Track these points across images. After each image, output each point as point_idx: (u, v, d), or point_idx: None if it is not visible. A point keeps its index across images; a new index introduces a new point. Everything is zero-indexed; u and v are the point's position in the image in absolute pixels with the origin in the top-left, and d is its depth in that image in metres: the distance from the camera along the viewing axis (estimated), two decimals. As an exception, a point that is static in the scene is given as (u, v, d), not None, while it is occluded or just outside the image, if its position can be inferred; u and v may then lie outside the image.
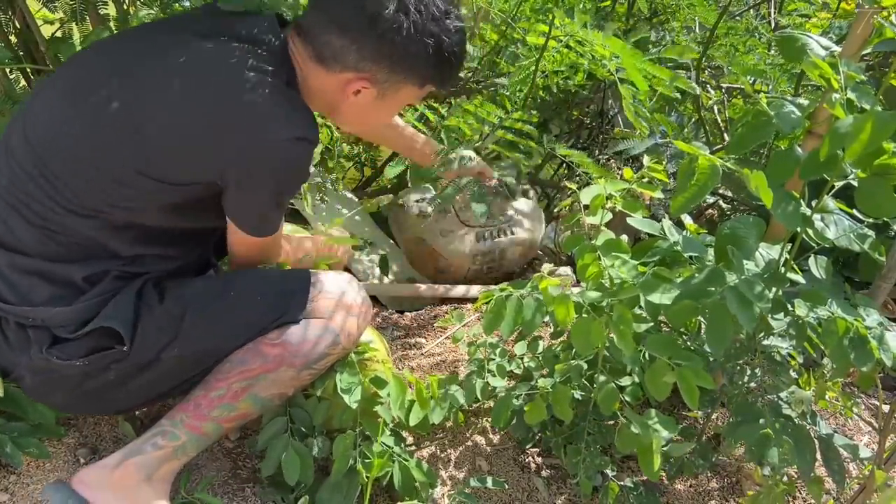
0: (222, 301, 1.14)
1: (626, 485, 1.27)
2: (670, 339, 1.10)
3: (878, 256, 1.06)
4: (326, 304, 1.17)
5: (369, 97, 1.12)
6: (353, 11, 1.03)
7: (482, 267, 1.95)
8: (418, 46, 1.05)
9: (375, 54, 1.06)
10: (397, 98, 1.15)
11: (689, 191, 0.91)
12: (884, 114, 0.84)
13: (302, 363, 1.15)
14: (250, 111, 1.02)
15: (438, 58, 1.08)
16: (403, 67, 1.08)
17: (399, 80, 1.11)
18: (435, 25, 1.05)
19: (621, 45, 1.35)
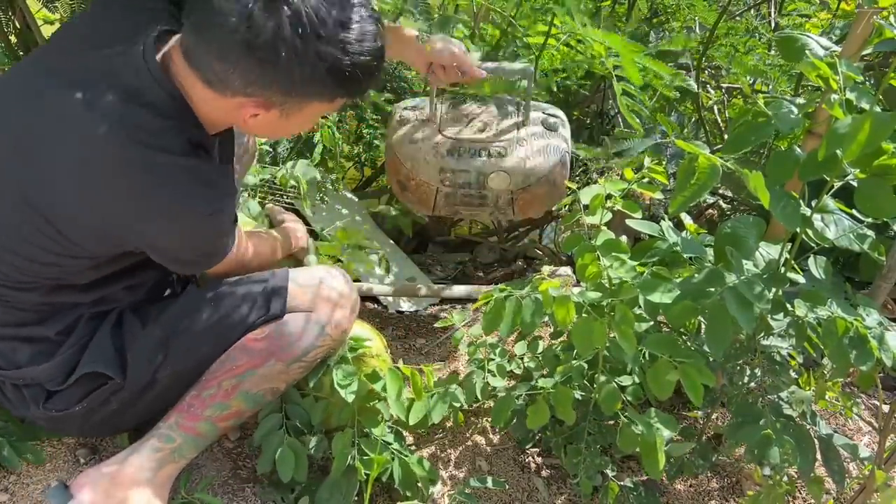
0: (205, 312, 1.14)
1: (626, 485, 1.27)
2: (671, 339, 1.10)
3: (877, 256, 1.06)
4: (310, 297, 1.17)
5: (272, 118, 1.01)
6: (227, 36, 0.90)
7: (455, 193, 1.54)
8: (306, 70, 0.92)
9: (261, 80, 0.94)
10: (305, 114, 1.03)
11: (689, 190, 0.91)
12: (882, 114, 0.84)
13: (289, 356, 1.15)
14: (158, 204, 0.98)
15: (337, 76, 0.94)
16: (297, 90, 0.96)
17: (298, 101, 0.99)
18: (325, 44, 0.91)
19: (619, 39, 1.34)
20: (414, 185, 1.55)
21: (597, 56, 1.48)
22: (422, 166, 1.51)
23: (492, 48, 2.01)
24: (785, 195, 0.98)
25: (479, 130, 1.53)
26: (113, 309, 1.13)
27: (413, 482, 1.21)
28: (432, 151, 1.51)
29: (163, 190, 0.97)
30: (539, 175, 1.50)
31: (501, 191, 1.51)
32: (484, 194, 1.53)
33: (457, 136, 1.52)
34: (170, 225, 1.01)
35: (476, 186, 1.52)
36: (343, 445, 1.18)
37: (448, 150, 1.50)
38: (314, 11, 0.89)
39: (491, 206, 1.55)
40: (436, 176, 1.51)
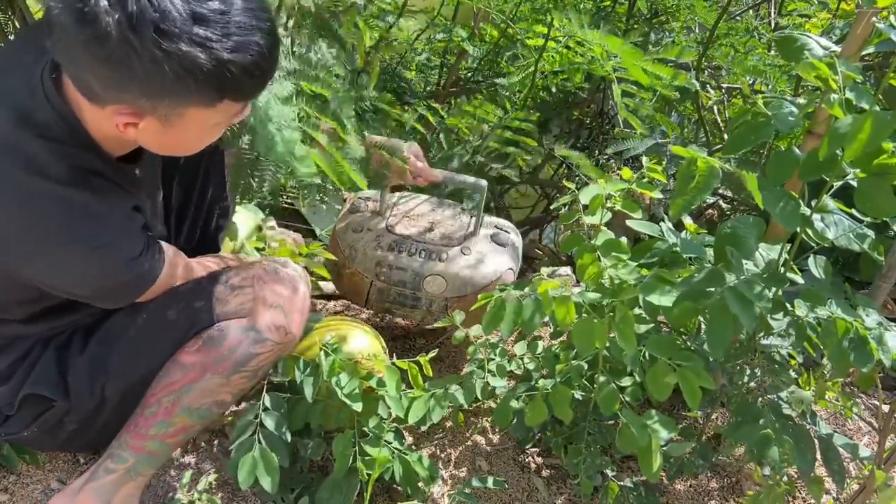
0: (137, 326, 1.10)
1: (626, 485, 1.27)
2: (670, 340, 1.10)
3: (877, 256, 1.06)
4: (246, 300, 1.10)
5: (152, 127, 0.92)
6: (67, 38, 0.82)
7: (388, 290, 1.48)
8: (153, 69, 0.82)
9: (114, 83, 0.85)
10: (190, 122, 0.92)
11: (688, 193, 0.91)
12: (883, 113, 0.84)
13: (227, 368, 1.09)
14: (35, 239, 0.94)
15: (201, 76, 0.84)
16: (159, 93, 0.86)
17: (170, 106, 0.88)
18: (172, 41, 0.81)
19: (620, 43, 1.35)
20: (349, 273, 1.49)
21: (597, 58, 1.48)
22: (359, 256, 1.47)
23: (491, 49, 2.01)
24: (784, 195, 0.98)
25: (425, 230, 1.50)
26: (61, 332, 1.12)
27: (414, 480, 1.21)
28: (373, 243, 1.47)
29: (37, 224, 0.93)
30: (476, 287, 1.45)
31: (436, 296, 1.46)
32: (417, 296, 1.48)
33: (401, 232, 1.48)
34: (48, 260, 0.95)
35: (411, 286, 1.46)
36: (344, 446, 1.18)
37: (389, 245, 1.47)
38: (157, 5, 0.80)
39: (423, 310, 1.50)
40: (371, 269, 1.47)
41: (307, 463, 1.26)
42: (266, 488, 1.11)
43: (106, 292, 1.04)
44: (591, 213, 1.12)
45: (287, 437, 1.17)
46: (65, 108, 0.93)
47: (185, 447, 1.32)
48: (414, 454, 1.23)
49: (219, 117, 0.94)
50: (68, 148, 0.93)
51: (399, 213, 1.53)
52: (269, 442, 1.15)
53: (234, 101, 0.91)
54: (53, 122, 0.93)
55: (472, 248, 1.48)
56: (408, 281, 1.45)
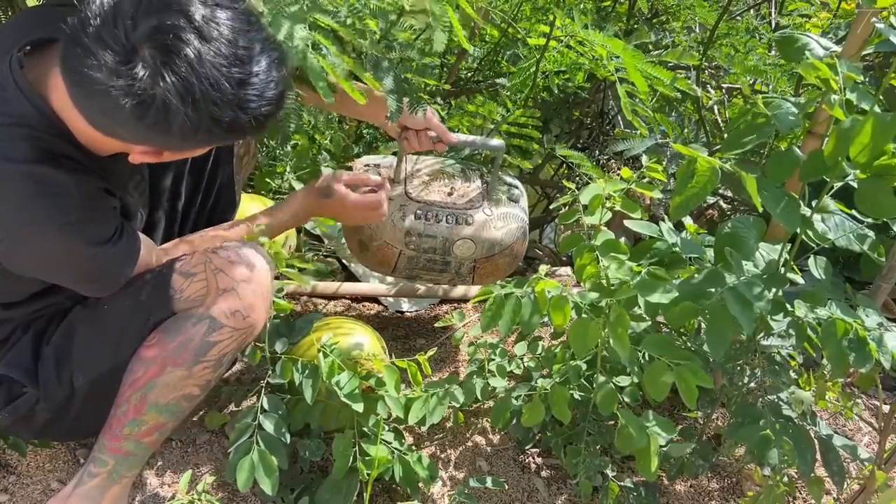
0: (95, 320, 1.08)
1: (626, 485, 1.27)
2: (669, 340, 1.10)
3: (876, 257, 1.06)
4: (197, 289, 1.06)
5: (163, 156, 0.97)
6: (111, 102, 0.83)
7: (418, 258, 1.49)
8: (201, 131, 0.87)
9: (152, 139, 0.90)
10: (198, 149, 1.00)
11: (688, 193, 0.91)
12: (885, 115, 0.84)
13: (186, 359, 1.06)
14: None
15: (235, 129, 0.89)
16: (191, 144, 0.92)
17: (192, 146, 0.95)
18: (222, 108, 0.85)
19: (622, 45, 1.35)
20: (376, 246, 1.47)
21: (599, 58, 1.48)
22: (387, 228, 1.45)
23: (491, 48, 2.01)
24: (785, 195, 0.98)
25: (446, 194, 1.50)
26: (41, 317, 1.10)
27: (414, 480, 1.21)
28: (399, 213, 1.45)
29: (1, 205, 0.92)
30: (504, 246, 1.49)
31: (465, 258, 1.49)
32: (447, 261, 1.49)
33: (425, 198, 1.48)
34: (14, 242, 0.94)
35: (441, 252, 1.48)
36: (344, 447, 1.18)
37: (416, 214, 1.46)
38: (209, 76, 0.83)
39: (452, 273, 1.52)
40: (401, 238, 1.46)
41: (307, 463, 1.26)
42: (266, 491, 1.11)
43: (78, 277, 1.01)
44: (590, 213, 1.12)
45: (286, 438, 1.17)
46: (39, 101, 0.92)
47: (185, 447, 1.32)
48: (414, 454, 1.23)
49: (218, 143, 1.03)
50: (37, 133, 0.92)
51: (413, 178, 1.52)
52: (268, 444, 1.14)
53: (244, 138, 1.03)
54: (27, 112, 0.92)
55: (493, 209, 1.50)
56: (438, 247, 1.47)
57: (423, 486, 1.24)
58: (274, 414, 1.18)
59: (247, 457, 1.12)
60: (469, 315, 1.78)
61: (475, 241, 1.47)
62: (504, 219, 1.49)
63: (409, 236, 1.45)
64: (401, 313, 1.87)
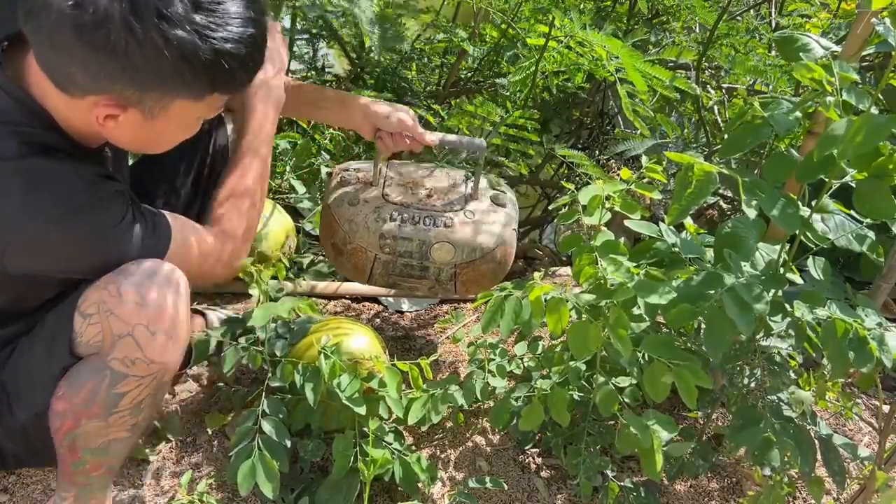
0: (29, 353, 1.01)
1: (626, 485, 1.27)
2: (668, 340, 1.10)
3: (876, 258, 1.06)
4: (94, 334, 0.95)
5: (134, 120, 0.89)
6: (55, 21, 0.78)
7: (394, 262, 1.40)
8: (151, 57, 0.80)
9: (104, 71, 0.82)
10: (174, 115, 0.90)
11: (685, 199, 0.91)
12: (879, 116, 0.84)
13: (99, 412, 0.96)
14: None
15: (196, 66, 0.83)
16: (150, 83, 0.84)
17: (157, 97, 0.86)
18: (172, 27, 0.79)
19: (620, 45, 1.35)
20: (350, 250, 1.40)
21: (599, 59, 1.48)
22: (360, 230, 1.38)
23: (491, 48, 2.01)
24: (782, 197, 0.98)
25: (425, 197, 1.43)
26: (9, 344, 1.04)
27: (414, 481, 1.21)
28: (373, 215, 1.38)
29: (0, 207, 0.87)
30: (485, 251, 1.39)
31: (444, 264, 1.39)
32: (425, 266, 1.40)
33: (401, 200, 1.40)
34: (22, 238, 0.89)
35: (418, 257, 1.39)
36: (344, 447, 1.18)
37: (391, 215, 1.38)
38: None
39: (431, 280, 1.42)
40: (375, 242, 1.38)
41: (308, 463, 1.26)
42: (266, 495, 1.11)
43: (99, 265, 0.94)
44: (589, 213, 1.12)
45: (287, 442, 1.17)
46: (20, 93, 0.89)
47: (185, 447, 1.32)
48: (413, 454, 1.23)
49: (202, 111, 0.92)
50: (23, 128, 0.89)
51: (392, 181, 1.45)
52: (269, 448, 1.14)
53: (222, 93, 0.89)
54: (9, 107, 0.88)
55: (475, 211, 1.42)
56: (414, 251, 1.38)
57: (422, 486, 1.24)
58: (274, 417, 1.18)
59: (248, 461, 1.12)
60: (469, 315, 1.78)
61: (454, 245, 1.39)
62: (487, 223, 1.42)
63: (383, 239, 1.38)
64: (401, 313, 1.87)
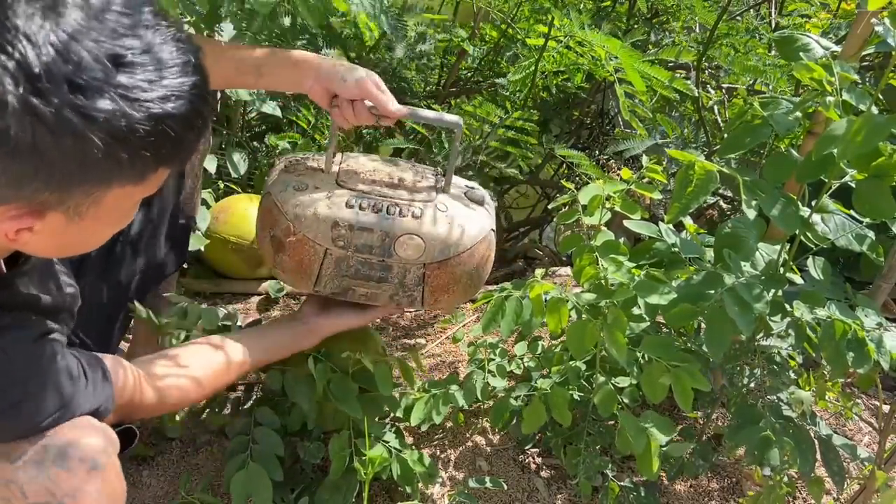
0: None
1: (626, 485, 1.27)
2: (667, 341, 1.10)
3: (875, 258, 1.06)
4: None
5: (56, 226, 0.67)
6: None
7: (349, 259, 1.11)
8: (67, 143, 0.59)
9: (11, 176, 0.60)
10: (110, 206, 0.68)
11: (685, 198, 0.91)
12: (878, 117, 0.84)
13: None
14: None
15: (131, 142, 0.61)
16: (71, 178, 0.62)
17: (86, 192, 0.64)
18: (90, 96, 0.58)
19: (619, 45, 1.35)
20: (294, 242, 1.11)
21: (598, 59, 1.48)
22: (308, 218, 1.10)
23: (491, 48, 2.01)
24: (782, 197, 0.98)
25: (387, 186, 1.17)
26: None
27: (413, 480, 1.21)
28: (325, 202, 1.11)
29: None
30: (460, 249, 1.13)
31: (411, 262, 1.12)
32: (387, 265, 1.12)
33: (361, 188, 1.15)
34: None
35: (379, 252, 1.11)
36: (340, 447, 1.18)
37: (347, 202, 1.12)
38: (61, 47, 0.56)
39: (394, 285, 1.14)
40: (326, 232, 1.10)
41: (308, 464, 1.26)
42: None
43: None
44: (589, 213, 1.12)
45: (280, 451, 1.17)
46: None
47: (185, 447, 1.32)
48: (413, 453, 1.23)
49: (144, 192, 0.70)
50: None
51: (349, 170, 1.19)
52: (261, 458, 1.15)
53: (168, 167, 0.68)
54: None
55: (447, 205, 1.16)
56: (375, 245, 1.11)
57: (422, 485, 1.24)
58: (267, 428, 1.18)
59: (241, 472, 1.12)
60: (469, 315, 1.78)
61: (424, 239, 1.12)
62: (463, 217, 1.16)
63: (336, 229, 1.10)
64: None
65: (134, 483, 1.23)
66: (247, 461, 1.13)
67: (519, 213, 2.65)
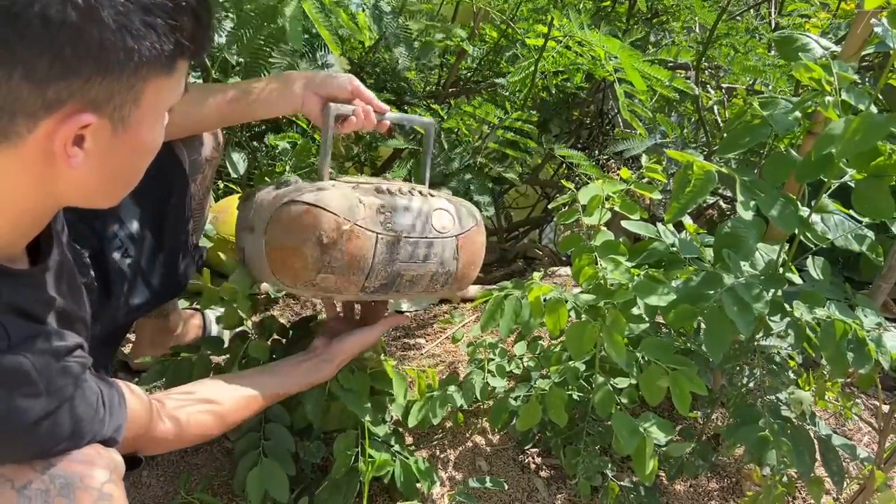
0: None
1: (626, 485, 1.27)
2: (667, 343, 1.10)
3: (875, 258, 1.06)
4: None
5: (104, 137, 0.69)
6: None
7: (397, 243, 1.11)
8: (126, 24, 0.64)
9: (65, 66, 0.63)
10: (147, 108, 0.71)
11: (684, 198, 0.91)
12: (877, 116, 0.84)
13: None
14: None
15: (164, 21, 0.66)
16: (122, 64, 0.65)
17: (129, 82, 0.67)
18: None
19: (619, 45, 1.35)
20: (347, 233, 1.06)
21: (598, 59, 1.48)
22: (355, 208, 1.07)
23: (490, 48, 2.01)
24: (781, 197, 0.98)
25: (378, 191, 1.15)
26: None
27: (413, 481, 1.22)
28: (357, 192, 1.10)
29: None
30: (476, 219, 1.19)
31: (447, 235, 1.14)
32: (430, 241, 1.13)
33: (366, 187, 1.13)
34: None
35: (420, 229, 1.12)
36: (346, 446, 1.18)
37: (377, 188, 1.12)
38: None
39: (436, 261, 1.14)
40: (374, 217, 1.08)
41: (308, 464, 1.26)
42: (277, 498, 1.12)
43: None
44: (589, 213, 1.12)
45: (292, 446, 1.17)
46: None
47: (184, 447, 1.32)
48: (413, 455, 1.23)
49: (172, 95, 0.73)
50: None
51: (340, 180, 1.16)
52: (275, 455, 1.15)
53: (186, 59, 0.72)
54: None
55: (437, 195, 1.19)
56: (416, 223, 1.12)
57: (422, 486, 1.24)
58: (278, 423, 1.19)
59: (255, 468, 1.13)
60: (468, 315, 1.78)
61: (450, 211, 1.16)
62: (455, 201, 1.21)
63: (382, 211, 1.09)
64: (400, 313, 1.87)
65: (134, 483, 1.23)
66: (259, 458, 1.13)
67: (519, 213, 2.65)
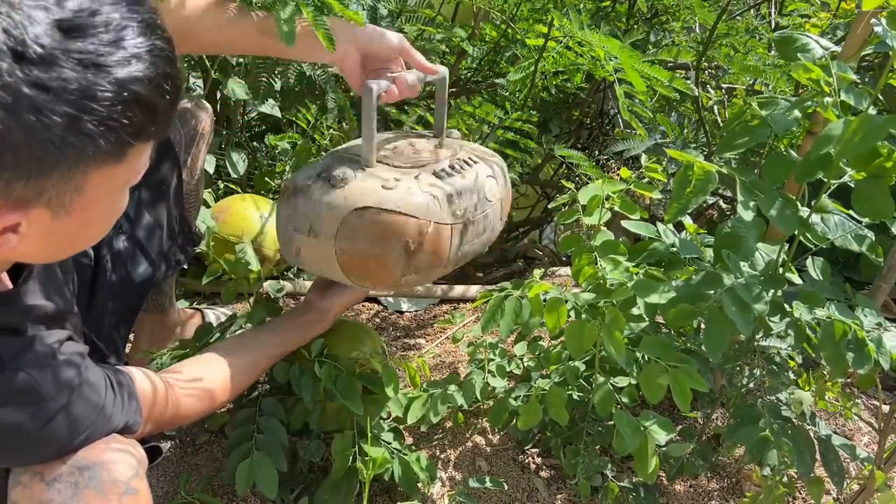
0: None
1: (626, 485, 1.27)
2: (666, 342, 1.10)
3: (875, 258, 1.06)
4: None
5: (42, 224, 0.64)
6: None
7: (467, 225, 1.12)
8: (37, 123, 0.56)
9: None
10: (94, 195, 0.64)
11: (684, 198, 0.91)
12: (876, 117, 0.84)
13: None
14: None
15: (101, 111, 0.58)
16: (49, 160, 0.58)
17: (65, 178, 0.60)
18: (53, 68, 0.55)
19: (619, 45, 1.35)
20: (430, 236, 1.05)
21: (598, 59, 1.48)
22: (431, 207, 1.04)
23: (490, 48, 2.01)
24: (781, 197, 0.98)
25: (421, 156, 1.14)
26: None
27: (413, 481, 1.22)
28: (422, 186, 1.06)
29: None
30: (506, 172, 1.23)
31: (496, 200, 1.17)
32: (486, 213, 1.15)
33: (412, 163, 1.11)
34: None
35: (479, 203, 1.13)
36: (343, 447, 1.18)
37: (435, 172, 1.10)
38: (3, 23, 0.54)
39: (489, 231, 1.19)
40: (446, 209, 1.07)
41: (307, 463, 1.26)
42: (266, 494, 1.11)
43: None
44: (589, 213, 1.12)
45: (285, 441, 1.17)
46: None
47: (185, 447, 1.32)
48: (413, 454, 1.23)
49: (128, 175, 0.66)
50: None
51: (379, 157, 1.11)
52: (267, 448, 1.15)
53: (146, 140, 0.64)
54: None
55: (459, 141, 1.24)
56: (476, 199, 1.12)
57: (422, 486, 1.24)
58: (272, 417, 1.19)
59: (245, 461, 1.12)
60: (468, 315, 1.78)
61: (494, 177, 1.17)
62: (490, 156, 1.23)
63: (451, 202, 1.07)
64: (400, 313, 1.87)
65: (134, 483, 1.23)
66: (251, 451, 1.13)
67: (519, 213, 2.65)
